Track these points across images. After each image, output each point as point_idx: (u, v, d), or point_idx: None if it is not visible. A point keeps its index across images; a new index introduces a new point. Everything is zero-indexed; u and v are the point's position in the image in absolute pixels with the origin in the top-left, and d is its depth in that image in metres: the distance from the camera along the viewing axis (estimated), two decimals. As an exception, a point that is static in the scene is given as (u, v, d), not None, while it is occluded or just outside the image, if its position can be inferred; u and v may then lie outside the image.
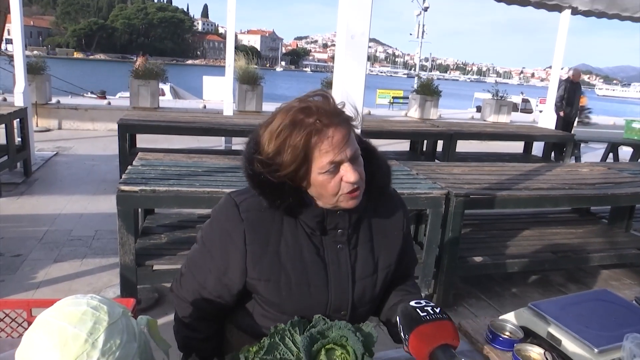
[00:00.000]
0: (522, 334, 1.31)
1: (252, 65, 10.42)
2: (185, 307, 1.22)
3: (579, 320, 1.29)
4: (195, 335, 1.23)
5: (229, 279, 1.15)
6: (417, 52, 26.89)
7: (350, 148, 1.07)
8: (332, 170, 1.07)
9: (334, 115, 1.07)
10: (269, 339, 0.98)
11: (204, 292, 1.18)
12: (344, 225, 1.16)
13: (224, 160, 3.45)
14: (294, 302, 1.13)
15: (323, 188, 1.09)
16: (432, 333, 0.84)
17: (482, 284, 3.65)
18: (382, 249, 1.23)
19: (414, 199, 2.97)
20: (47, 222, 4.33)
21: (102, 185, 5.61)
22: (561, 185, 3.49)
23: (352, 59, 2.35)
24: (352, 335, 0.98)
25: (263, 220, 1.14)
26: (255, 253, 1.12)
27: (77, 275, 3.39)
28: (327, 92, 1.12)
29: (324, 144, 1.05)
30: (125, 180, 2.72)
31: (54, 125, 9.11)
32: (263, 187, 1.11)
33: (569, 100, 8.77)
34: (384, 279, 1.23)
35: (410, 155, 6.48)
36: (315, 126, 1.04)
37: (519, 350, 1.24)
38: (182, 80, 29.83)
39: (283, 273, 1.12)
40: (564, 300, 1.42)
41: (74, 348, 0.83)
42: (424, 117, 11.39)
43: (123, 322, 0.91)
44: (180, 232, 3.32)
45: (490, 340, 1.31)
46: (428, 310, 0.88)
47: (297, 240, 1.14)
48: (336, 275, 1.16)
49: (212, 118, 5.92)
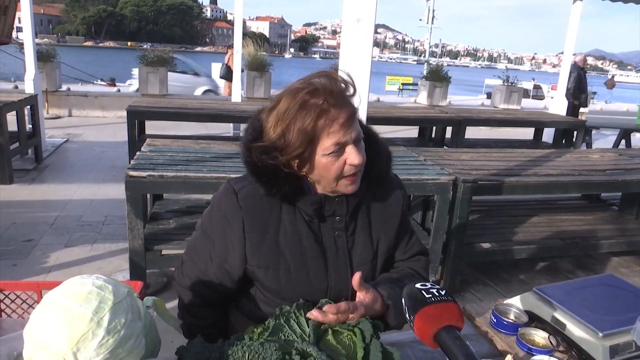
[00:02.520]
0: (527, 318, 1.31)
1: (261, 52, 10.38)
2: (188, 295, 1.23)
3: (584, 304, 1.28)
4: (199, 322, 1.24)
5: (230, 265, 1.16)
6: (427, 38, 26.61)
7: (355, 130, 1.08)
8: (337, 152, 1.07)
9: (341, 96, 1.07)
10: (274, 321, 0.99)
11: (206, 279, 1.19)
12: (341, 212, 1.16)
13: (232, 146, 3.46)
14: (293, 289, 1.13)
15: (326, 170, 1.08)
16: (436, 314, 0.84)
17: (489, 271, 3.64)
18: (381, 235, 1.23)
19: (421, 184, 2.96)
20: (57, 207, 4.39)
21: (111, 171, 5.65)
22: (571, 172, 3.45)
23: (358, 43, 2.33)
24: (360, 317, 0.98)
25: (261, 207, 1.14)
26: (253, 241, 1.13)
27: (87, 260, 3.44)
28: (331, 73, 1.11)
29: (329, 124, 1.04)
30: (133, 166, 2.73)
31: (64, 112, 9.17)
32: (260, 174, 1.11)
33: (581, 87, 8.65)
34: (384, 264, 1.23)
35: (418, 142, 6.46)
36: (323, 107, 1.03)
37: (523, 334, 1.24)
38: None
39: (282, 260, 1.13)
40: (569, 285, 1.41)
41: (79, 326, 0.85)
42: (433, 104, 11.30)
43: (128, 302, 0.92)
44: (188, 218, 3.34)
45: (494, 324, 1.32)
46: (433, 292, 0.88)
47: (296, 228, 1.14)
48: (334, 261, 1.16)
49: (220, 105, 5.92)
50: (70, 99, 9.23)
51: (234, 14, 8.35)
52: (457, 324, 0.84)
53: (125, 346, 0.88)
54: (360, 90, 2.45)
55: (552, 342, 1.20)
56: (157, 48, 10.73)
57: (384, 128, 6.75)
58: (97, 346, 0.85)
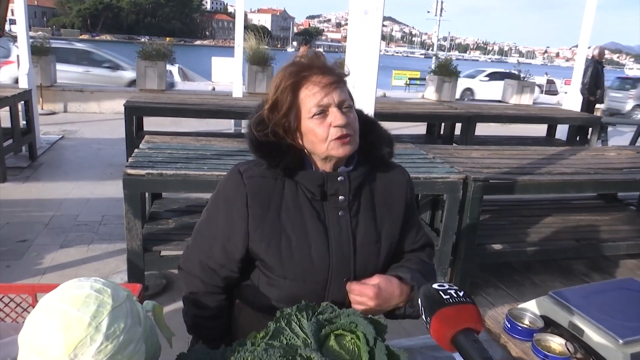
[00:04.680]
0: (542, 323, 1.30)
1: (263, 46, 10.37)
2: (192, 280, 1.27)
3: (603, 309, 1.27)
4: (203, 312, 1.27)
5: (233, 245, 1.21)
6: (435, 31, 26.55)
7: (339, 94, 1.16)
8: (320, 115, 1.15)
9: (324, 66, 1.18)
10: (274, 324, 0.98)
11: (210, 262, 1.24)
12: (344, 191, 1.21)
13: (233, 143, 3.46)
14: (295, 265, 1.17)
15: (313, 134, 1.16)
16: (454, 316, 0.83)
17: (501, 273, 3.63)
18: (385, 219, 1.27)
19: (430, 183, 2.95)
20: (53, 207, 4.40)
21: (108, 169, 5.66)
22: (586, 170, 3.43)
23: (365, 36, 2.32)
24: (362, 320, 0.97)
25: (265, 185, 1.21)
26: (256, 215, 1.19)
27: (83, 261, 3.45)
28: (320, 52, 1.26)
29: (311, 86, 1.15)
30: (131, 164, 2.73)
31: (59, 108, 9.19)
32: (263, 148, 1.20)
33: (598, 82, 8.59)
34: (388, 248, 1.26)
35: (426, 139, 6.43)
36: (305, 71, 1.16)
37: (539, 341, 1.23)
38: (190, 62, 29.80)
39: (284, 235, 1.18)
40: (587, 289, 1.40)
41: (77, 331, 0.84)
42: (442, 99, 11.26)
43: (127, 306, 0.92)
44: (188, 217, 3.34)
45: (508, 329, 1.31)
46: (451, 294, 0.87)
47: (298, 205, 1.20)
48: (337, 239, 1.20)
49: (221, 100, 5.92)
50: (66, 94, 9.25)
51: (235, 6, 8.34)
52: (475, 327, 0.83)
53: (124, 352, 0.88)
54: (368, 85, 2.45)
55: (570, 349, 1.19)
56: (156, 42, 10.71)
57: (390, 124, 6.69)
58: (95, 352, 0.84)
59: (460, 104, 8.53)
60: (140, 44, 9.91)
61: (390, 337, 1.08)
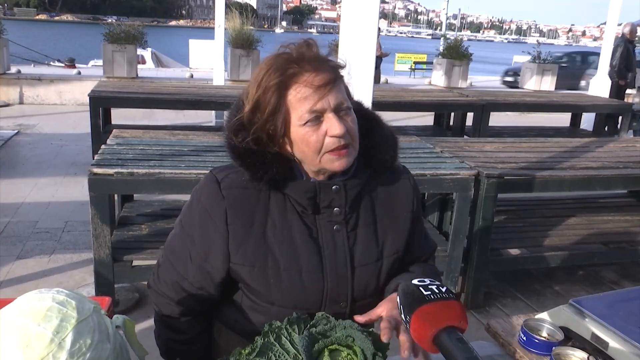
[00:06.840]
0: (562, 335, 1.32)
1: (247, 26, 10.37)
2: (165, 304, 1.24)
3: (629, 319, 1.29)
4: (178, 336, 1.26)
5: (211, 265, 1.18)
6: (444, 7, 26.55)
7: (335, 96, 1.10)
8: (314, 122, 1.09)
9: (317, 60, 1.11)
10: (262, 339, 0.99)
11: (185, 284, 1.21)
12: (340, 202, 1.17)
13: (214, 137, 3.46)
14: (283, 291, 1.15)
15: (304, 144, 1.11)
16: (436, 314, 0.85)
17: (519, 281, 3.66)
18: (388, 233, 1.24)
19: (437, 180, 2.97)
20: (8, 212, 4.38)
21: (72, 168, 5.65)
22: (614, 164, 3.46)
23: (362, 13, 2.33)
24: (359, 334, 0.99)
25: (247, 198, 1.16)
26: (237, 234, 1.15)
27: (44, 273, 3.44)
28: (312, 40, 1.15)
29: (301, 88, 1.08)
30: (98, 162, 2.74)
31: (14, 98, 9.15)
32: (244, 157, 1.14)
33: (628, 64, 8.63)
34: (390, 267, 1.24)
35: (434, 131, 6.46)
36: (293, 67, 1.09)
37: (559, 355, 1.25)
38: (164, 45, 29.77)
39: (270, 257, 1.15)
40: (611, 297, 1.42)
41: (38, 349, 0.85)
42: (451, 86, 11.31)
43: (94, 320, 0.93)
44: (163, 222, 3.34)
45: (524, 342, 1.33)
46: (432, 289, 0.89)
47: (286, 220, 1.16)
48: (332, 259, 1.17)
49: (200, 89, 5.93)
50: (22, 83, 9.21)
51: (215, -19, 8.33)
52: (459, 325, 0.85)
53: (91, 372, 0.89)
54: (364, 70, 2.47)
55: (592, 364, 1.21)
56: (125, 22, 10.71)
57: (393, 115, 6.77)
58: (58, 372, 0.86)
59: (472, 90, 8.55)
60: (107, 26, 9.89)
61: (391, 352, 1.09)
